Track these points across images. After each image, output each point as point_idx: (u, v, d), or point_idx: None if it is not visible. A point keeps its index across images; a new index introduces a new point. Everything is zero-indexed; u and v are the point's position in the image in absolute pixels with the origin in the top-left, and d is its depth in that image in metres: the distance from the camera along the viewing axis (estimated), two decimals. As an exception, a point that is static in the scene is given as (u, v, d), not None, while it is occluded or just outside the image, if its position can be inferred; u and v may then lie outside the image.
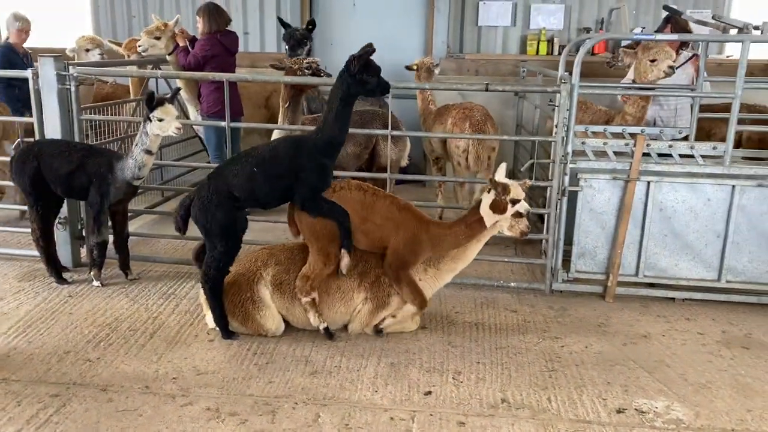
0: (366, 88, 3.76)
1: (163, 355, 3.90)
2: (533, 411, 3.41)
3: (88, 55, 7.00)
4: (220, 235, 3.89)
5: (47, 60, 4.96)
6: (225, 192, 3.85)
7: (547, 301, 4.86)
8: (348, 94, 3.77)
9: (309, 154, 3.83)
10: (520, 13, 8.36)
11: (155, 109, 4.40)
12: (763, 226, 4.67)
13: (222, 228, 3.88)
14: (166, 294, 4.79)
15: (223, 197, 3.85)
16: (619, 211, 4.78)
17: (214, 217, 3.85)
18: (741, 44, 4.52)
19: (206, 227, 3.90)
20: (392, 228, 3.98)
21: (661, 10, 7.93)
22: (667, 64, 5.20)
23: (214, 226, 3.87)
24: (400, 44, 8.56)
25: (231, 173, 3.88)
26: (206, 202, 3.85)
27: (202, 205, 3.86)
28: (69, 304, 4.57)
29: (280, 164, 3.85)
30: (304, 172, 3.82)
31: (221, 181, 3.87)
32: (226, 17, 6.50)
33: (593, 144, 4.84)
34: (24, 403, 3.36)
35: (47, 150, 4.65)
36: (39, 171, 4.62)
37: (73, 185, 4.63)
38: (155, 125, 4.45)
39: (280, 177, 3.86)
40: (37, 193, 4.70)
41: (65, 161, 4.59)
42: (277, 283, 4.03)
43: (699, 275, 4.82)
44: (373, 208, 3.99)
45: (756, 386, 3.72)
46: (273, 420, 3.27)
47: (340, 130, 3.84)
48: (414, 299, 4.04)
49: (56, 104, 5.00)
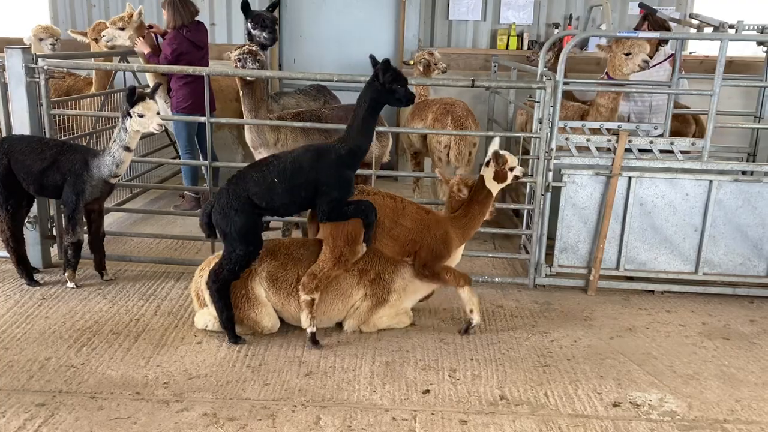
0: (395, 97, 3.74)
1: (151, 359, 3.77)
2: (532, 407, 3.43)
3: (41, 45, 6.70)
4: (240, 240, 3.78)
5: (15, 51, 4.72)
6: (244, 198, 3.75)
7: (531, 295, 4.90)
8: (376, 102, 3.75)
9: (332, 166, 3.75)
10: (490, 8, 8.38)
11: (136, 104, 4.22)
12: (738, 220, 4.81)
13: (242, 233, 3.78)
14: (146, 294, 4.65)
15: (243, 203, 3.76)
16: (601, 206, 4.86)
17: (234, 223, 3.76)
18: (719, 42, 4.63)
19: (226, 232, 3.81)
20: (424, 230, 4.04)
21: (628, 8, 8.16)
22: (642, 58, 5.29)
23: (234, 232, 3.77)
24: (370, 38, 8.50)
25: (251, 180, 3.78)
26: (226, 207, 3.76)
27: (222, 211, 3.77)
28: (44, 308, 4.38)
29: (302, 175, 3.75)
30: (326, 185, 3.74)
31: (240, 188, 3.77)
32: (193, 9, 6.23)
33: (576, 140, 4.89)
34: (9, 414, 3.20)
35: (18, 146, 4.44)
36: (9, 168, 4.41)
37: (46, 183, 4.44)
38: (136, 121, 4.28)
39: (301, 187, 3.77)
40: (7, 192, 4.48)
41: (37, 158, 4.39)
42: (272, 279, 3.95)
43: (677, 268, 4.94)
44: (404, 213, 4.05)
45: (740, 376, 3.83)
46: (274, 424, 3.20)
47: (366, 140, 3.81)
48: (458, 280, 4.12)
49: (25, 98, 4.77)
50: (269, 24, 5.73)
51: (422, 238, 4.05)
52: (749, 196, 4.76)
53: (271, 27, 5.73)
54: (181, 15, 6.11)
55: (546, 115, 4.73)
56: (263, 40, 5.73)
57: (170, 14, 6.10)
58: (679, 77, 5.65)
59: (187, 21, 6.15)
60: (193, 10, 6.23)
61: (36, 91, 4.84)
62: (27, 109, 4.80)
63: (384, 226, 3.99)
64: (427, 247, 4.05)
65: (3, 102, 4.84)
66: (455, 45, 8.49)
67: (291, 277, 3.96)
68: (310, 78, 5.86)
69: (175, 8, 6.10)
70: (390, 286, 4.08)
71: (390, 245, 4.05)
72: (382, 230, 3.98)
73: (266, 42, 5.76)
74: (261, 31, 5.71)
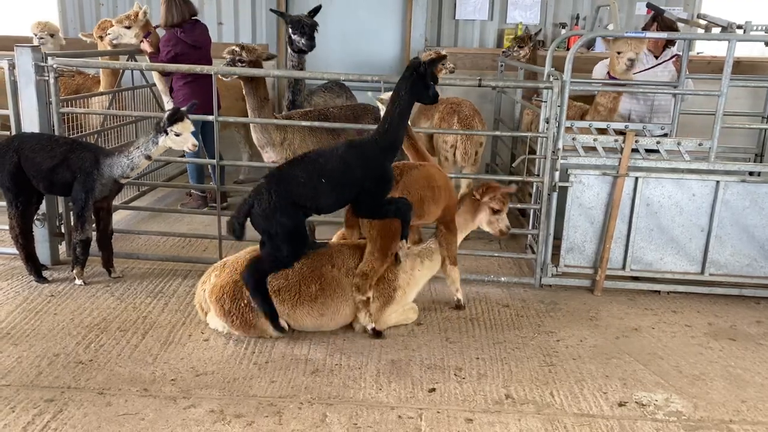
0: (428, 93, 3.78)
1: (159, 356, 3.80)
2: (538, 406, 3.44)
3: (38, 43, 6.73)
4: (286, 240, 3.70)
5: (24, 50, 4.76)
6: (288, 198, 3.65)
7: (537, 295, 4.91)
8: (411, 96, 3.76)
9: (377, 162, 3.75)
10: (497, 7, 8.39)
11: (175, 123, 4.28)
12: (745, 221, 4.80)
13: (288, 234, 3.69)
14: (154, 292, 4.67)
15: (287, 203, 3.65)
16: (607, 206, 4.86)
17: (278, 223, 3.66)
18: (727, 43, 4.62)
19: (270, 233, 3.70)
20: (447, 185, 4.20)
21: (635, 8, 8.15)
22: (628, 56, 5.29)
23: (280, 233, 3.68)
24: (377, 37, 8.51)
25: (295, 181, 3.67)
26: (268, 209, 3.62)
27: (263, 212, 3.64)
28: (52, 304, 4.42)
29: (349, 173, 3.72)
30: (371, 181, 3.74)
31: (283, 188, 3.65)
32: (190, 9, 6.21)
33: (583, 140, 4.89)
34: (18, 409, 3.23)
35: (28, 144, 4.47)
36: (19, 166, 4.44)
37: (56, 181, 4.47)
38: (171, 139, 4.35)
39: (348, 185, 3.74)
40: (17, 189, 4.51)
41: (47, 156, 4.42)
42: (275, 290, 3.91)
43: (683, 268, 4.93)
44: (432, 175, 4.11)
45: (747, 377, 3.83)
46: (280, 421, 3.22)
47: (402, 133, 3.86)
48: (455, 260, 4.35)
49: (34, 96, 4.81)
50: (308, 30, 5.70)
51: (450, 193, 4.22)
52: (756, 197, 4.75)
53: (309, 33, 5.70)
54: (173, 14, 6.09)
55: (553, 115, 4.74)
56: (302, 46, 5.72)
57: (164, 11, 6.12)
58: (686, 77, 5.63)
59: (179, 20, 6.10)
60: (190, 10, 6.20)
61: (45, 89, 4.87)
62: (36, 107, 4.83)
63: (427, 197, 4.00)
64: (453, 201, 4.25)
65: (13, 100, 4.86)
66: (462, 45, 8.50)
67: (294, 288, 3.93)
68: (317, 77, 5.87)
69: (170, 6, 6.10)
70: (394, 284, 4.09)
71: (434, 210, 4.10)
72: (427, 202, 4.00)
73: (304, 48, 5.74)
74: (300, 37, 5.70)
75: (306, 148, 5.29)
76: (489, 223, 4.39)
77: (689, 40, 5.72)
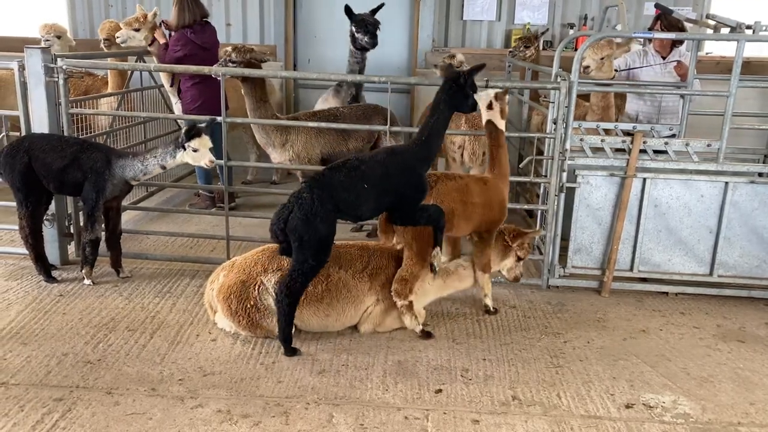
0: (467, 102, 3.83)
1: (166, 356, 3.82)
2: (544, 408, 3.44)
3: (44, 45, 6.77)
4: (316, 249, 3.63)
5: (34, 51, 4.79)
6: (331, 204, 3.61)
7: (545, 296, 4.90)
8: (451, 105, 3.83)
9: (415, 171, 3.80)
10: (504, 8, 8.39)
11: (192, 139, 4.32)
12: (754, 222, 4.77)
13: (320, 241, 3.63)
14: (162, 292, 4.70)
15: (329, 209, 3.61)
16: (615, 208, 4.84)
17: (315, 230, 3.58)
18: (736, 43, 4.60)
19: (303, 239, 3.60)
20: (488, 202, 4.18)
21: (643, 8, 8.12)
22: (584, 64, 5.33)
23: (313, 239, 3.60)
24: (385, 38, 8.44)
25: (339, 186, 3.64)
26: (310, 213, 3.55)
27: (305, 217, 3.55)
28: (61, 304, 4.45)
29: (390, 180, 3.74)
30: (409, 189, 3.78)
31: (327, 193, 3.60)
32: (201, 11, 6.25)
33: (591, 141, 4.88)
34: (27, 408, 3.25)
35: (39, 144, 4.50)
36: (30, 166, 4.47)
37: (67, 181, 4.50)
38: (189, 155, 4.39)
39: (387, 193, 3.76)
40: (27, 190, 4.55)
41: (58, 156, 4.45)
42: None
43: (691, 270, 4.91)
44: (469, 190, 4.13)
45: (755, 379, 3.81)
46: (287, 421, 3.23)
47: (439, 143, 3.93)
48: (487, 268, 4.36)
49: (44, 98, 4.84)
50: (371, 28, 5.74)
51: (488, 211, 4.20)
52: (765, 198, 4.72)
53: (372, 31, 5.75)
54: (185, 16, 6.13)
55: (560, 116, 4.72)
56: (364, 43, 5.77)
57: (176, 12, 6.15)
58: (694, 78, 5.61)
59: (190, 21, 6.15)
60: (201, 12, 6.25)
61: (55, 90, 4.90)
62: (46, 108, 4.86)
63: (457, 211, 4.05)
64: (490, 217, 4.22)
65: (23, 101, 4.90)
66: (469, 45, 8.49)
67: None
68: (324, 78, 5.88)
69: (182, 7, 6.14)
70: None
71: (464, 226, 4.15)
72: (456, 216, 4.05)
73: (367, 45, 5.79)
74: (363, 35, 5.74)
75: (311, 150, 5.29)
76: (510, 269, 4.49)
77: (698, 40, 5.69)
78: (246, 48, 5.19)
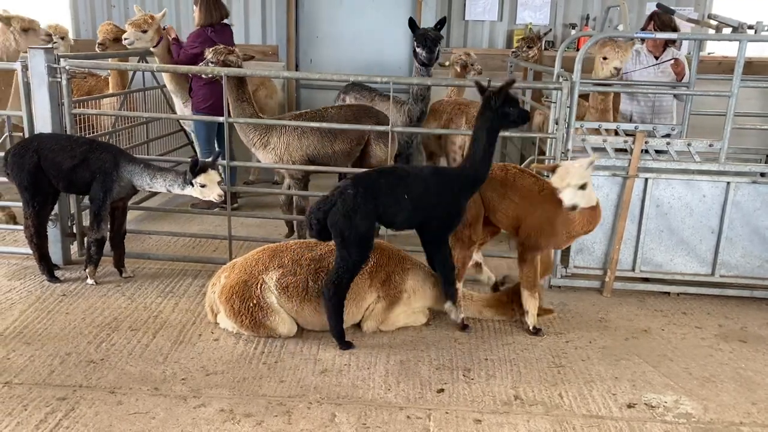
0: (509, 119, 3.77)
1: (169, 355, 3.83)
2: (546, 407, 3.44)
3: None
4: (358, 245, 3.73)
5: (37, 52, 4.81)
6: (372, 204, 3.70)
7: (547, 296, 4.88)
8: (492, 128, 3.79)
9: (456, 195, 3.85)
10: (506, 8, 8.39)
11: (198, 175, 4.32)
12: (756, 222, 4.77)
13: (360, 238, 3.72)
14: (164, 291, 4.71)
15: (369, 208, 3.70)
16: (617, 208, 4.84)
17: (356, 227, 3.66)
18: (738, 43, 4.60)
19: (344, 235, 3.68)
20: (530, 206, 4.04)
21: (645, 8, 8.12)
22: (614, 65, 5.32)
23: (354, 236, 3.68)
24: (387, 38, 8.53)
25: (383, 189, 3.75)
26: (351, 210, 3.65)
27: (346, 213, 3.64)
28: (64, 304, 4.46)
29: (426, 198, 3.80)
30: (443, 212, 3.83)
31: (370, 193, 3.71)
32: (224, 11, 6.37)
33: (593, 141, 4.88)
34: (31, 407, 3.27)
35: (48, 144, 4.52)
36: (39, 166, 4.49)
37: (76, 180, 4.52)
38: (197, 190, 4.40)
39: (420, 209, 3.82)
40: (34, 189, 4.56)
41: (68, 155, 4.48)
42: (282, 287, 3.95)
43: (693, 270, 4.91)
44: (514, 185, 4.08)
45: (757, 379, 3.81)
46: (289, 421, 3.24)
47: (487, 168, 3.88)
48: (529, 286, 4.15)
49: (47, 98, 4.86)
50: (429, 43, 5.57)
51: (526, 215, 4.05)
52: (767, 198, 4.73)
53: (430, 46, 5.57)
54: (212, 14, 6.24)
55: (562, 116, 4.73)
56: (422, 58, 5.61)
57: (202, 11, 6.22)
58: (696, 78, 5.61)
59: (216, 21, 6.26)
60: (223, 12, 6.37)
61: (58, 90, 4.91)
62: (49, 108, 4.88)
63: (493, 200, 4.02)
64: (526, 227, 4.06)
65: (26, 101, 4.91)
66: (471, 45, 8.49)
67: (302, 283, 3.95)
68: (326, 78, 5.88)
69: (207, 7, 6.23)
70: (401, 287, 4.12)
71: (501, 219, 4.14)
72: (491, 205, 4.04)
73: (425, 60, 5.60)
74: (422, 50, 5.60)
75: (294, 152, 5.20)
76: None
77: (700, 40, 5.69)
78: (222, 50, 5.18)
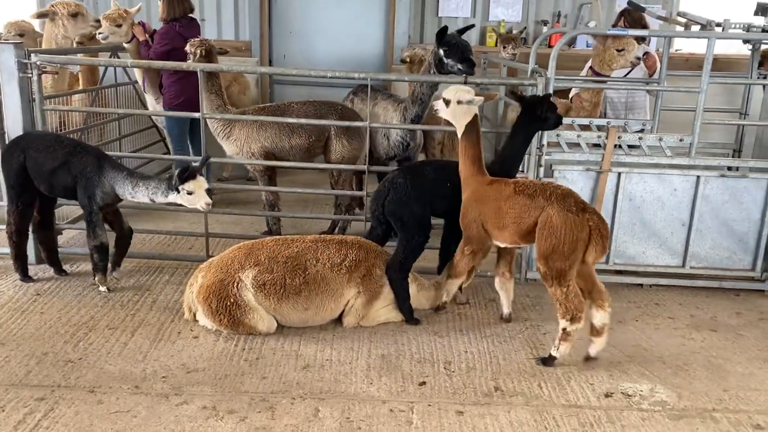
0: (548, 123, 4.16)
1: (148, 354, 3.80)
2: (526, 398, 3.50)
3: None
4: (418, 227, 4.09)
5: (7, 47, 4.71)
6: (420, 189, 4.08)
7: (523, 289, 4.97)
8: (531, 132, 4.25)
9: None
10: (479, 5, 8.46)
11: (187, 181, 4.09)
12: (725, 215, 4.90)
13: (419, 219, 4.09)
14: (141, 289, 4.66)
15: (420, 192, 4.08)
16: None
17: (412, 212, 4.07)
18: (706, 41, 4.71)
19: (403, 220, 4.09)
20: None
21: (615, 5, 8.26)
22: (634, 55, 5.41)
23: (412, 219, 4.07)
24: (360, 34, 8.53)
25: (429, 176, 4.16)
26: (404, 197, 4.06)
27: (400, 200, 4.06)
28: (39, 303, 4.39)
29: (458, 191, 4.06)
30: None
31: (418, 180, 4.11)
32: (188, 5, 6.29)
33: (567, 136, 4.96)
34: (8, 408, 3.22)
35: (34, 144, 4.41)
36: (23, 165, 4.39)
37: (56, 183, 4.38)
38: (183, 198, 4.15)
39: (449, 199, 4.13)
40: (20, 189, 4.46)
41: (50, 157, 4.34)
42: (259, 284, 3.93)
43: (665, 262, 5.03)
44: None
45: (728, 367, 3.93)
46: (273, 416, 3.24)
47: (517, 166, 4.33)
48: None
49: (17, 94, 4.75)
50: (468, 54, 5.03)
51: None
52: (735, 192, 4.85)
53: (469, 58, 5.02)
54: (175, 8, 6.16)
55: (537, 112, 4.79)
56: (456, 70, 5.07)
57: (165, 5, 6.15)
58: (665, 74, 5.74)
59: (181, 14, 6.19)
60: (187, 6, 6.29)
61: (29, 86, 4.82)
62: (19, 104, 4.78)
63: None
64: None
65: (-6, 97, 4.81)
66: (445, 42, 8.52)
67: (279, 281, 3.94)
68: (303, 74, 5.86)
69: (171, 1, 6.16)
70: (382, 281, 4.14)
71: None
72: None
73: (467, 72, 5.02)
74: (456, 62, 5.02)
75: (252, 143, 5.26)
76: None
77: (669, 37, 5.82)
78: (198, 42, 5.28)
